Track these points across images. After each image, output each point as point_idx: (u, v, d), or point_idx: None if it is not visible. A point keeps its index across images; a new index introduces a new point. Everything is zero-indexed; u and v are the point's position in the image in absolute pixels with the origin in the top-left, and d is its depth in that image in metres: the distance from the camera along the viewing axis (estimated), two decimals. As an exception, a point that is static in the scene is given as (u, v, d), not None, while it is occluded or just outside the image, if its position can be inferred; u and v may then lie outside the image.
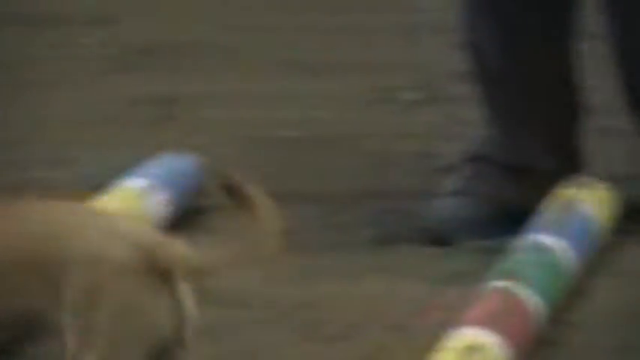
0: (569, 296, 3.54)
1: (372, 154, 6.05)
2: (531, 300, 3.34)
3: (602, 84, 4.50)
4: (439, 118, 5.28)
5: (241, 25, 7.53)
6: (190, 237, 4.02)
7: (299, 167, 5.07)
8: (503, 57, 4.34)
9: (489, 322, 3.44)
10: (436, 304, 3.45)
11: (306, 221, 4.49)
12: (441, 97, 5.48)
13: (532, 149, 4.45)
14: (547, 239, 3.70)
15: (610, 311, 3.55)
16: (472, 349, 3.08)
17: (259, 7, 7.70)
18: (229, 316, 3.42)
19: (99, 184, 4.19)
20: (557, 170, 4.24)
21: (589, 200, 4.06)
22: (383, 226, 4.18)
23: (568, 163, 4.33)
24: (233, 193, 2.85)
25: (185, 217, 4.31)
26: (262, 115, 5.61)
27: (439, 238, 4.13)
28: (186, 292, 2.34)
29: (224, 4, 8.14)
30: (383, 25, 7.59)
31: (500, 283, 3.61)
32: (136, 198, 4.24)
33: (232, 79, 6.23)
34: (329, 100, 5.82)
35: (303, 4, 7.98)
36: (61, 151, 5.09)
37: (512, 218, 3.92)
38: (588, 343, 3.36)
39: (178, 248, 2.39)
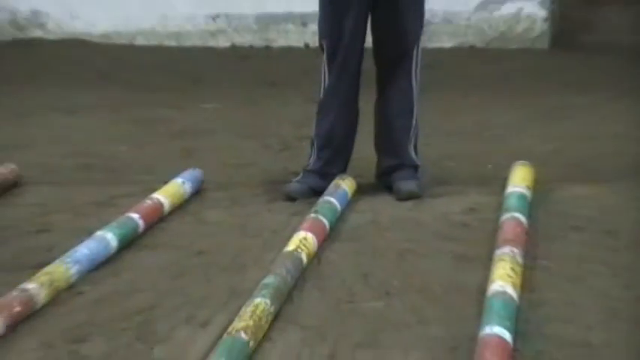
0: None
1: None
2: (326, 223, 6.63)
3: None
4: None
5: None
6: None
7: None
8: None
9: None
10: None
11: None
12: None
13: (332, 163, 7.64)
14: (331, 199, 7.11)
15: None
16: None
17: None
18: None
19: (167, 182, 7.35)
20: (339, 172, 7.66)
21: (345, 183, 7.54)
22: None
23: (344, 168, 7.74)
24: None
25: (196, 195, 7.51)
26: None
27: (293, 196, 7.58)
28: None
29: None
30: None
31: (314, 215, 6.64)
32: (178, 187, 7.45)
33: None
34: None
35: None
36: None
37: (318, 192, 7.41)
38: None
39: None
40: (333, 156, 7.71)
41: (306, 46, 7.76)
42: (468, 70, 10.55)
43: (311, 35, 7.26)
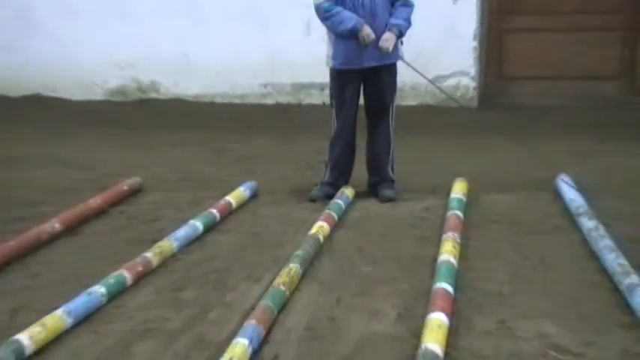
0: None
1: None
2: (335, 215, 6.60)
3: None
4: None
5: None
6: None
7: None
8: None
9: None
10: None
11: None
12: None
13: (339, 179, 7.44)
14: (339, 201, 6.90)
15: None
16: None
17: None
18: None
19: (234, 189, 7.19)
20: (343, 184, 7.45)
21: (348, 191, 7.26)
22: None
23: (347, 181, 7.47)
24: None
25: (252, 198, 7.28)
26: None
27: (314, 199, 7.31)
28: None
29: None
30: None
31: (327, 211, 6.53)
32: (242, 193, 7.22)
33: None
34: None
35: None
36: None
37: (330, 196, 7.16)
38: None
39: None
40: (340, 174, 7.57)
41: (324, 103, 7.70)
42: (425, 120, 10.49)
43: (326, 97, 7.18)
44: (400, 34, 7.09)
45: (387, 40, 6.97)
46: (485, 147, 9.37)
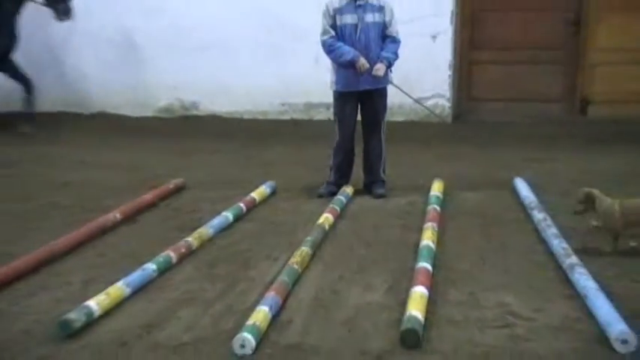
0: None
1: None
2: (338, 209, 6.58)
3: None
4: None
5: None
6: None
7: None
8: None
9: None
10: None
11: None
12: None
13: (341, 179, 7.37)
14: (341, 197, 6.86)
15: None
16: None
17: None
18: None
19: (257, 187, 7.14)
20: (344, 183, 7.42)
21: (348, 190, 7.16)
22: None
23: (347, 181, 7.39)
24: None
25: (272, 195, 7.24)
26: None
27: (321, 195, 7.19)
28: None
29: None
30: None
31: (332, 205, 6.52)
32: (263, 191, 7.12)
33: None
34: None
35: None
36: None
37: (334, 193, 7.08)
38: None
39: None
40: (341, 175, 7.51)
41: (329, 119, 7.69)
42: (408, 133, 10.41)
43: (331, 114, 7.15)
44: (389, 64, 7.08)
45: (379, 69, 6.95)
46: (457, 154, 9.30)
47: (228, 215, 6.38)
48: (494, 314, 4.40)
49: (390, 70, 7.23)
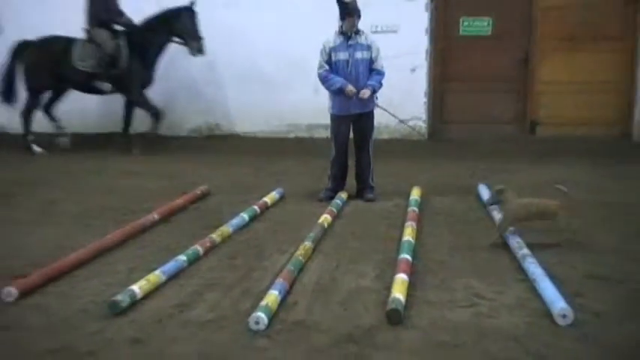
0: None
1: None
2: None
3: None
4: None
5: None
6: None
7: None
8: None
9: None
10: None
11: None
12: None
13: (337, 186, 7.29)
14: (337, 201, 6.81)
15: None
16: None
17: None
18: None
19: (269, 193, 7.12)
20: (340, 189, 7.29)
21: (343, 195, 7.09)
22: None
23: (342, 188, 7.30)
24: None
25: (281, 199, 7.18)
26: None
27: (321, 199, 7.11)
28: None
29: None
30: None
31: (330, 207, 6.48)
32: (274, 196, 7.06)
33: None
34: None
35: None
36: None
37: (332, 198, 7.00)
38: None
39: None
40: (337, 183, 7.44)
41: (327, 137, 7.65)
42: (393, 148, 10.39)
43: (328, 133, 7.13)
44: (374, 90, 7.09)
45: (365, 93, 7.01)
46: (432, 166, 9.27)
47: (244, 216, 6.36)
48: (462, 296, 4.41)
49: (376, 97, 7.25)
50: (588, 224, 5.85)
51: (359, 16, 7.00)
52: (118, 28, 10.34)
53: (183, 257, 5.03)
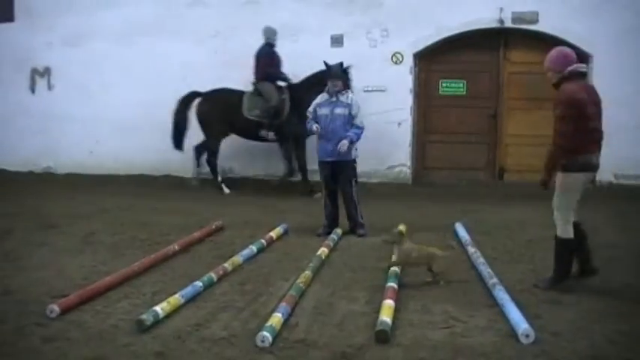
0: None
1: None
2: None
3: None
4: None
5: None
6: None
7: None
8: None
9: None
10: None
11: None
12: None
13: (332, 223, 7.24)
14: (333, 236, 6.76)
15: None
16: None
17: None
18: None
19: (274, 228, 7.09)
20: (334, 226, 7.23)
21: (339, 230, 7.02)
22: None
23: (336, 225, 7.22)
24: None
25: (285, 234, 7.13)
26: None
27: (319, 235, 7.02)
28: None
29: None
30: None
31: (327, 241, 7.19)
32: (279, 231, 7.03)
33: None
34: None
35: None
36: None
37: (328, 234, 6.96)
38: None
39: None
40: (331, 222, 7.42)
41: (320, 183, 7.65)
42: (379, 191, 10.40)
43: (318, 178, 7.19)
44: (351, 141, 7.13)
45: (343, 144, 7.07)
46: (415, 206, 9.26)
47: (253, 248, 6.36)
48: (440, 318, 4.42)
49: (355, 148, 7.29)
50: (548, 257, 5.83)
51: (340, 80, 7.20)
52: (281, 83, 10.36)
53: (199, 283, 5.03)
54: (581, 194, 4.98)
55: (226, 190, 10.46)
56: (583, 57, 10.70)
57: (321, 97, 7.24)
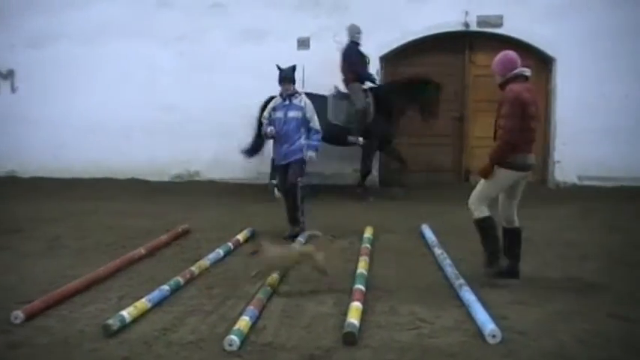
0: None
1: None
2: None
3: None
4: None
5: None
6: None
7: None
8: None
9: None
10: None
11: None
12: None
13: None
14: (301, 239, 6.74)
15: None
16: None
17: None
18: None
19: (241, 231, 7.02)
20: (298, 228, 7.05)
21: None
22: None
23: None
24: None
25: (251, 237, 7.03)
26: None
27: (286, 238, 6.90)
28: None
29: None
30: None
31: (296, 244, 7.81)
32: (245, 234, 6.98)
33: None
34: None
35: None
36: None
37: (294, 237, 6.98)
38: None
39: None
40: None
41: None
42: (346, 194, 10.41)
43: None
44: (316, 150, 7.21)
45: (311, 157, 7.18)
46: (383, 209, 9.28)
47: (220, 251, 6.35)
48: (408, 320, 4.45)
49: (317, 149, 7.28)
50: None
51: (292, 82, 7.19)
52: (366, 85, 10.18)
53: (166, 287, 5.01)
54: (506, 191, 5.31)
55: (277, 194, 9.61)
56: (547, 60, 10.97)
57: (275, 102, 7.27)
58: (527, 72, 5.27)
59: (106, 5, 11.76)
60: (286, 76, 7.19)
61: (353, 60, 10.08)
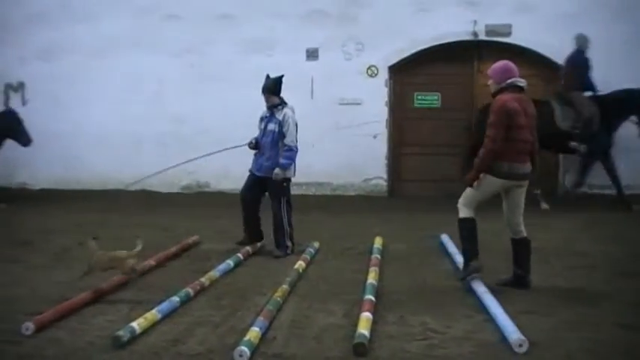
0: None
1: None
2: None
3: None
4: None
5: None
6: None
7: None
8: None
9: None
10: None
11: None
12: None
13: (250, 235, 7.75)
14: (311, 249, 6.82)
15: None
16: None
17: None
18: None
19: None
20: (257, 237, 7.19)
21: (315, 244, 7.03)
22: None
23: (258, 237, 7.55)
24: None
25: (262, 248, 7.07)
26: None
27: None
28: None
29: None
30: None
31: (307, 255, 7.12)
32: (256, 244, 6.97)
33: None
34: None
35: None
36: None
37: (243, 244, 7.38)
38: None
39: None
40: (248, 234, 7.31)
41: (302, 194, 7.61)
42: (357, 204, 10.48)
43: (303, 190, 7.12)
44: (284, 169, 6.90)
45: (277, 174, 6.86)
46: (392, 219, 9.28)
47: (230, 262, 6.35)
48: (418, 330, 4.42)
49: (290, 168, 7.05)
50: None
51: (272, 93, 6.96)
52: (588, 93, 10.03)
53: (176, 298, 5.00)
54: (504, 201, 5.40)
55: (544, 206, 9.90)
56: (556, 69, 10.94)
57: (262, 112, 7.12)
58: (522, 83, 5.28)
59: (115, 18, 11.85)
60: (265, 86, 6.99)
61: (581, 66, 9.93)
